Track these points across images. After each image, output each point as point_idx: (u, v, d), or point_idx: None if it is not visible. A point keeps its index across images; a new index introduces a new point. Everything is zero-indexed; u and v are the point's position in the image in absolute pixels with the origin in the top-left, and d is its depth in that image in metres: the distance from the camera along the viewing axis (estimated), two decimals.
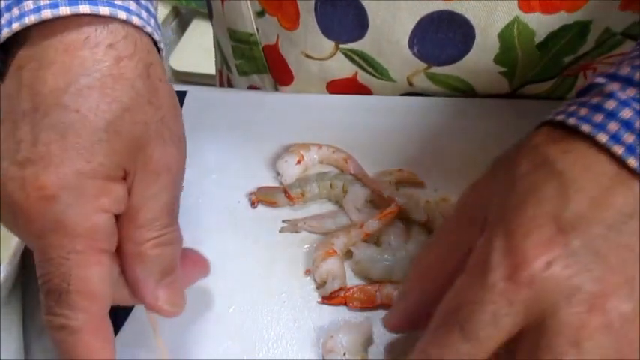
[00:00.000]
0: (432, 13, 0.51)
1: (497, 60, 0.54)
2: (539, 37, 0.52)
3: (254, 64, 0.63)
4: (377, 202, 0.51)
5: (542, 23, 0.51)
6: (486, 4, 0.49)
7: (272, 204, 0.52)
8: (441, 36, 0.52)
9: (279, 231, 0.50)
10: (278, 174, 0.53)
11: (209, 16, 0.69)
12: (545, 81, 0.58)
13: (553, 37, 0.52)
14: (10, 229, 0.34)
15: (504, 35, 0.52)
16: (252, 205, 0.52)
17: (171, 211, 0.36)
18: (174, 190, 0.36)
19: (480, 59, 0.54)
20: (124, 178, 0.34)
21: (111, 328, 0.34)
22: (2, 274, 0.41)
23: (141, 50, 0.35)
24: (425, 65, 0.56)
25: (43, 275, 0.32)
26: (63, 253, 0.31)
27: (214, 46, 0.74)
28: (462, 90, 0.59)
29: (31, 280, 0.46)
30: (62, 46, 0.33)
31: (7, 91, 0.33)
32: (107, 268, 0.33)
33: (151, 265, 0.34)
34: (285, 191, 0.51)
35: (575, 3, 0.50)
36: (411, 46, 0.54)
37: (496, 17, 0.50)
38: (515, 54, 0.53)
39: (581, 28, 0.52)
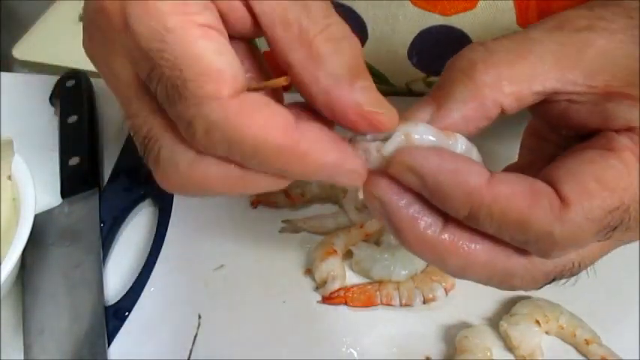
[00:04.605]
0: (431, 28, 0.51)
1: None
2: None
3: None
4: None
5: None
6: (484, 19, 0.49)
7: (272, 204, 0.52)
8: (440, 49, 0.52)
9: (279, 231, 0.50)
10: None
11: None
12: None
13: None
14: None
15: None
16: (252, 205, 0.52)
17: None
18: None
19: None
20: None
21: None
22: (2, 274, 0.41)
23: None
24: (424, 75, 0.56)
25: (151, 80, 0.26)
26: (156, 40, 0.25)
27: None
28: None
29: (31, 280, 0.46)
30: None
31: None
32: (220, 41, 0.26)
33: (331, 64, 0.27)
34: (285, 191, 0.51)
35: None
36: (410, 56, 0.54)
37: (494, 32, 0.50)
38: None
39: None
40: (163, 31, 0.25)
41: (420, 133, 0.28)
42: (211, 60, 0.25)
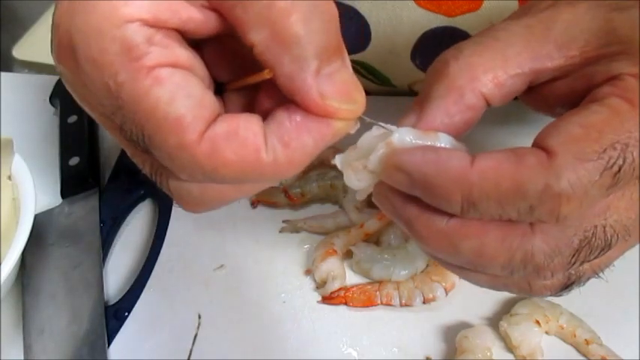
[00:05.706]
0: (435, 29, 0.51)
1: None
2: None
3: None
4: None
5: None
6: (489, 20, 0.49)
7: (272, 204, 0.52)
8: (444, 50, 0.52)
9: (279, 231, 0.50)
10: None
11: None
12: None
13: None
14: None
15: None
16: (252, 205, 0.52)
17: None
18: None
19: None
20: None
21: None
22: (2, 274, 0.41)
23: None
24: None
25: (125, 133, 0.26)
26: (112, 97, 0.25)
27: None
28: None
29: (31, 280, 0.46)
30: None
31: None
32: (173, 82, 0.25)
33: (297, 47, 0.24)
34: (285, 191, 0.51)
35: None
36: (413, 58, 0.54)
37: None
38: None
39: None
40: (116, 86, 0.24)
41: (401, 136, 0.28)
42: (166, 111, 0.24)
